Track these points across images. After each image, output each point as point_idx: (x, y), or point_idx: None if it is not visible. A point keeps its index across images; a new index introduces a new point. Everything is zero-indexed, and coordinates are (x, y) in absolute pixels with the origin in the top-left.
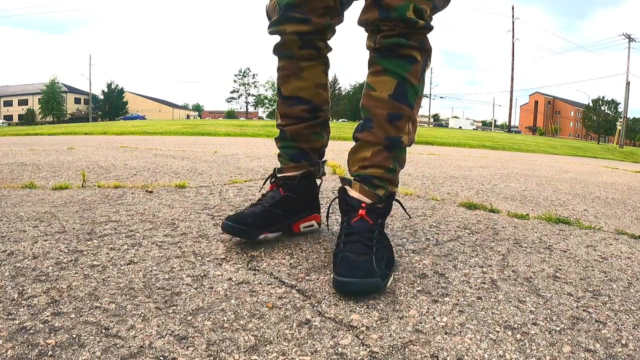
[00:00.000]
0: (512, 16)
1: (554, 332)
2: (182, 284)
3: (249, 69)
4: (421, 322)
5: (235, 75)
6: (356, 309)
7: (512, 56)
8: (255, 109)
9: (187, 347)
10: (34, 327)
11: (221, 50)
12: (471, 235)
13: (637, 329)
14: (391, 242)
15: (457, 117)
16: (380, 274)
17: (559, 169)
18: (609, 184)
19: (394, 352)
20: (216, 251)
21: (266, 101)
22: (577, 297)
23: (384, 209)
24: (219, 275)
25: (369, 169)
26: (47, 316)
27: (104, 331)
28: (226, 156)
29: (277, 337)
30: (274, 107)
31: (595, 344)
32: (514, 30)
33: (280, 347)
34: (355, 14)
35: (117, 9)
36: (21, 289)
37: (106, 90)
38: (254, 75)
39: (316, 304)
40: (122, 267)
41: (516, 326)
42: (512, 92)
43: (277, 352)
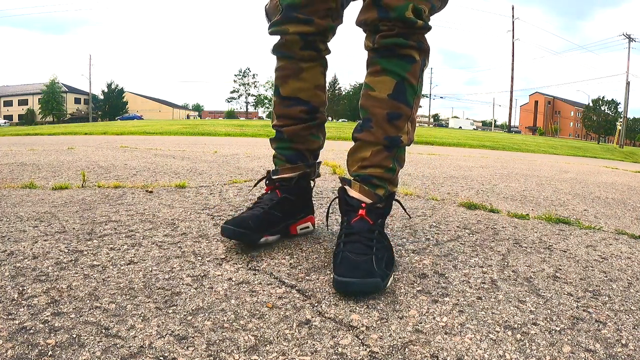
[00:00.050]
0: (512, 16)
1: (554, 332)
2: (182, 284)
3: (249, 69)
4: (421, 322)
5: (235, 75)
6: (356, 309)
7: (512, 56)
8: (255, 109)
9: (187, 347)
10: (34, 327)
11: (221, 50)
12: (471, 235)
13: (637, 329)
14: (391, 242)
15: (457, 117)
16: (380, 274)
17: (559, 169)
18: (609, 184)
19: (394, 352)
20: (216, 251)
21: (266, 101)
22: (577, 297)
23: (384, 209)
24: (219, 275)
25: (368, 168)
26: (47, 316)
27: (104, 331)
28: (226, 156)
29: (277, 337)
30: None
31: (595, 344)
32: (514, 30)
33: (280, 347)
34: (354, 14)
35: (117, 9)
36: (21, 289)
37: (106, 90)
38: (254, 75)
39: (316, 304)
40: (122, 267)
41: (516, 326)
42: (512, 92)
43: (277, 352)
